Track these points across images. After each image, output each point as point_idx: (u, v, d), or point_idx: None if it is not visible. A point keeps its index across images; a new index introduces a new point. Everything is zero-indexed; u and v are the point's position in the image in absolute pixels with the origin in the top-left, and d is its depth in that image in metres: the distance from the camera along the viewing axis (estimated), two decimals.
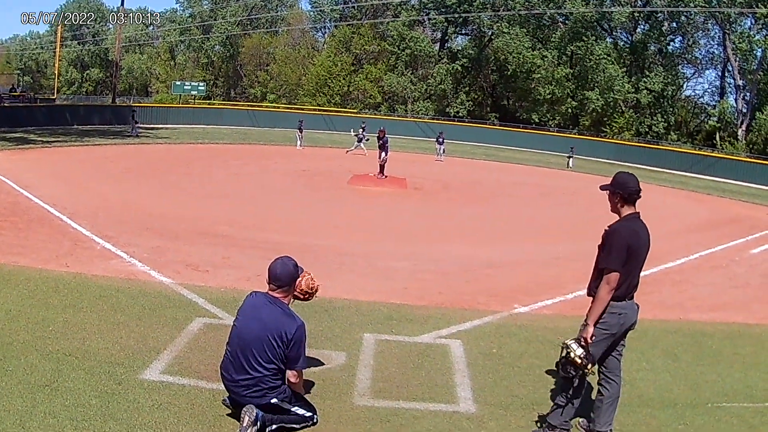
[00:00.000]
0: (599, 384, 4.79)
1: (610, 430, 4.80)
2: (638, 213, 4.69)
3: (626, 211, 4.67)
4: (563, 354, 4.52)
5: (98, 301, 7.10)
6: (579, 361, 4.42)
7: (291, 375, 4.58)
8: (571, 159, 37.20)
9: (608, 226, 4.71)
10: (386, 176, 21.49)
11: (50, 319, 6.38)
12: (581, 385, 4.58)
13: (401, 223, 14.65)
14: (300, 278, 4.88)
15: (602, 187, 4.80)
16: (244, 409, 4.44)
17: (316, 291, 5.16)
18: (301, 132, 33.81)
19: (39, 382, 5.01)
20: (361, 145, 31.26)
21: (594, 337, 4.49)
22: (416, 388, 5.55)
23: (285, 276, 4.65)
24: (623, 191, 4.65)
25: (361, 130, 32.55)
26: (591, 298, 4.73)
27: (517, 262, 11.18)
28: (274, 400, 4.54)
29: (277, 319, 4.52)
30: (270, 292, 4.68)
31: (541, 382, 5.87)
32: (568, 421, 4.71)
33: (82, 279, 7.93)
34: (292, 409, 4.62)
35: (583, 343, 4.48)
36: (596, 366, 4.62)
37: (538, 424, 4.93)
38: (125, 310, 6.88)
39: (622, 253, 4.48)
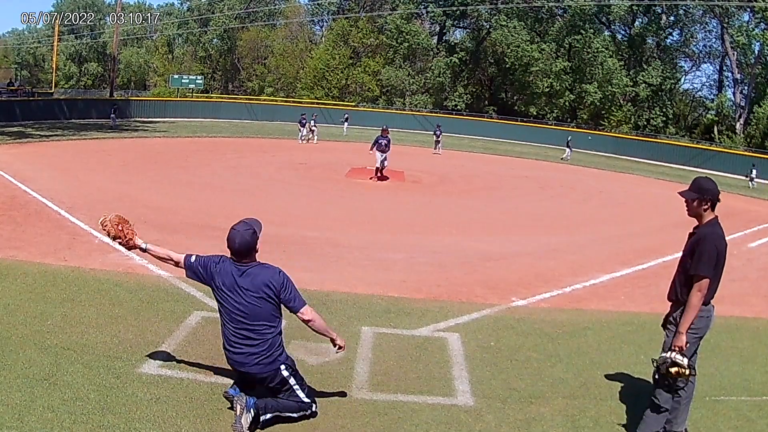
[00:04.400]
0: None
1: (685, 428, 4.81)
2: (717, 216, 4.69)
3: (709, 215, 4.65)
4: (661, 368, 4.51)
5: (96, 295, 7.10)
6: (675, 371, 4.42)
7: (302, 315, 4.55)
8: (568, 150, 37.40)
9: (694, 232, 4.72)
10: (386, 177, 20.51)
11: (48, 313, 6.38)
12: (682, 388, 4.58)
13: (399, 216, 14.65)
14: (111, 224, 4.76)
15: (684, 194, 4.73)
16: (235, 398, 4.46)
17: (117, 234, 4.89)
18: (303, 126, 34.04)
19: (37, 376, 5.01)
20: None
21: (688, 344, 4.49)
22: (414, 381, 5.56)
23: (253, 241, 4.57)
24: (713, 197, 4.62)
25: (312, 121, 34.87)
26: (670, 302, 4.75)
27: (515, 254, 11.17)
28: (282, 367, 4.56)
29: (256, 278, 4.51)
30: (235, 262, 4.60)
31: (539, 375, 5.88)
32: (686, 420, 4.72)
33: (80, 273, 7.93)
34: (294, 387, 4.61)
35: (678, 352, 4.46)
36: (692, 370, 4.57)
37: None
38: (123, 304, 6.88)
39: (713, 259, 4.49)
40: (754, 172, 33.73)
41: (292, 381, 4.61)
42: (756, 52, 50.48)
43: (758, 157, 39.85)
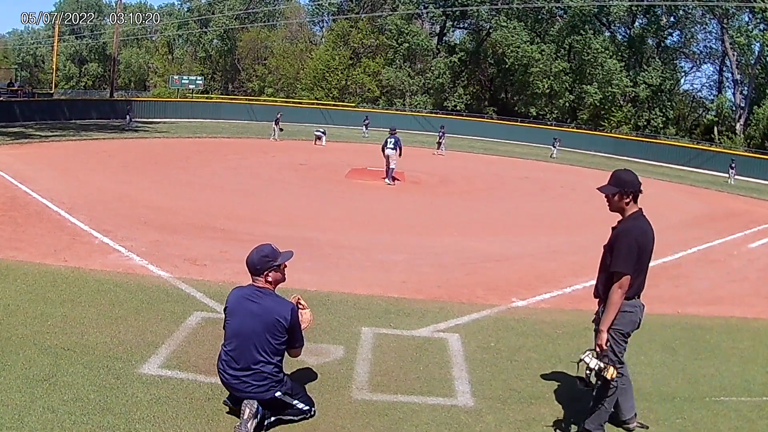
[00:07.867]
0: None
1: (635, 414, 4.83)
2: (641, 209, 4.57)
3: (632, 209, 4.54)
4: (581, 369, 4.48)
5: (96, 296, 7.10)
6: (589, 372, 4.39)
7: (294, 354, 4.80)
8: (555, 149, 37.65)
9: (616, 226, 4.59)
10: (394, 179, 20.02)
11: (48, 314, 6.38)
12: (608, 387, 4.49)
13: (399, 217, 14.64)
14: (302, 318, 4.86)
15: (603, 189, 4.62)
16: (244, 402, 4.44)
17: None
18: (276, 124, 33.86)
19: (37, 377, 5.01)
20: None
21: (609, 342, 4.41)
22: (414, 381, 5.56)
23: (258, 263, 4.62)
24: (635, 189, 4.51)
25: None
26: (597, 299, 4.66)
27: (515, 255, 11.17)
28: (278, 394, 4.54)
29: (271, 309, 4.50)
30: (254, 283, 4.66)
31: (539, 375, 5.88)
32: (603, 424, 4.63)
33: (81, 273, 7.92)
34: (294, 403, 4.63)
35: (598, 351, 4.40)
36: (622, 366, 4.56)
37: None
38: (123, 305, 6.88)
39: (633, 255, 4.35)
40: (732, 170, 33.65)
41: (288, 399, 4.62)
42: (756, 52, 50.52)
43: (758, 157, 39.91)
